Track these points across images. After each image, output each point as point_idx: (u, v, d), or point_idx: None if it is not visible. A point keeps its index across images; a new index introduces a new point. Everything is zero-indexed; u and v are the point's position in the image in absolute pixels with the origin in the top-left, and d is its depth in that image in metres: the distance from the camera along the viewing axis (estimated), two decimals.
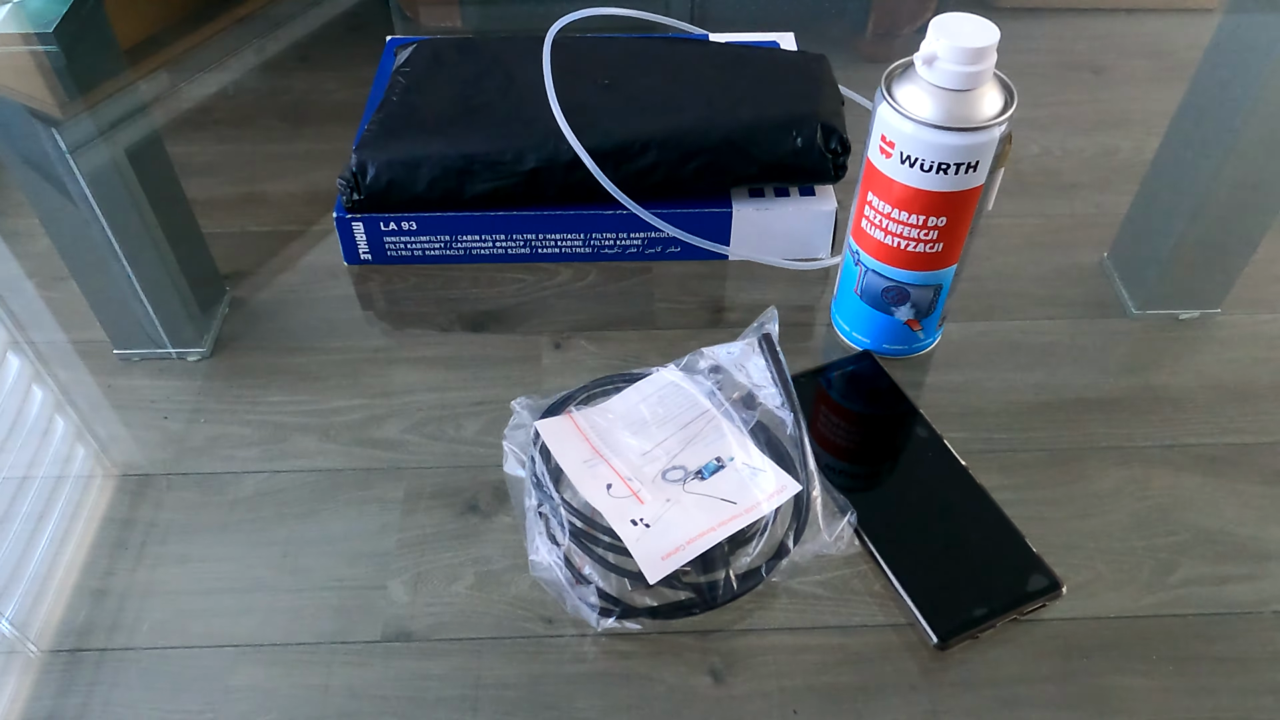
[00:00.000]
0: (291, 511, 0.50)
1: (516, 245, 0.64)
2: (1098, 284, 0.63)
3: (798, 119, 0.61)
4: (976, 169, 0.48)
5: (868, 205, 0.52)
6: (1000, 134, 0.47)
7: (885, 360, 0.57)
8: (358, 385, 0.57)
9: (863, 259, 0.54)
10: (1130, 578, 0.47)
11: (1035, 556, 0.47)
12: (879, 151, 0.50)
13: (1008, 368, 0.57)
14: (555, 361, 0.58)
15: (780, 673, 0.44)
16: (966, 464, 0.51)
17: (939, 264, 0.52)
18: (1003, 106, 0.48)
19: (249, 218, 0.68)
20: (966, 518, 0.49)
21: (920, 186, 0.49)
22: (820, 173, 0.62)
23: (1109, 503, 0.50)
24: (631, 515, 0.47)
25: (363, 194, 0.61)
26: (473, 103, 0.65)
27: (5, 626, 0.46)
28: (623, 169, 0.61)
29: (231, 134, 0.76)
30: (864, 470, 0.52)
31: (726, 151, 0.61)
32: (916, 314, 0.55)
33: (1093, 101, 0.79)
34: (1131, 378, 0.57)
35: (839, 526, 0.47)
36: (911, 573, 0.47)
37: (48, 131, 0.76)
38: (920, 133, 0.47)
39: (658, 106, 0.63)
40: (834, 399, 0.56)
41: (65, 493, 0.52)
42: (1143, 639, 0.45)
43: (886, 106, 0.48)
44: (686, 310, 0.61)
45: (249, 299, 0.62)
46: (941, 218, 0.50)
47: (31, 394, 0.57)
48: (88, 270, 0.65)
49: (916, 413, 0.54)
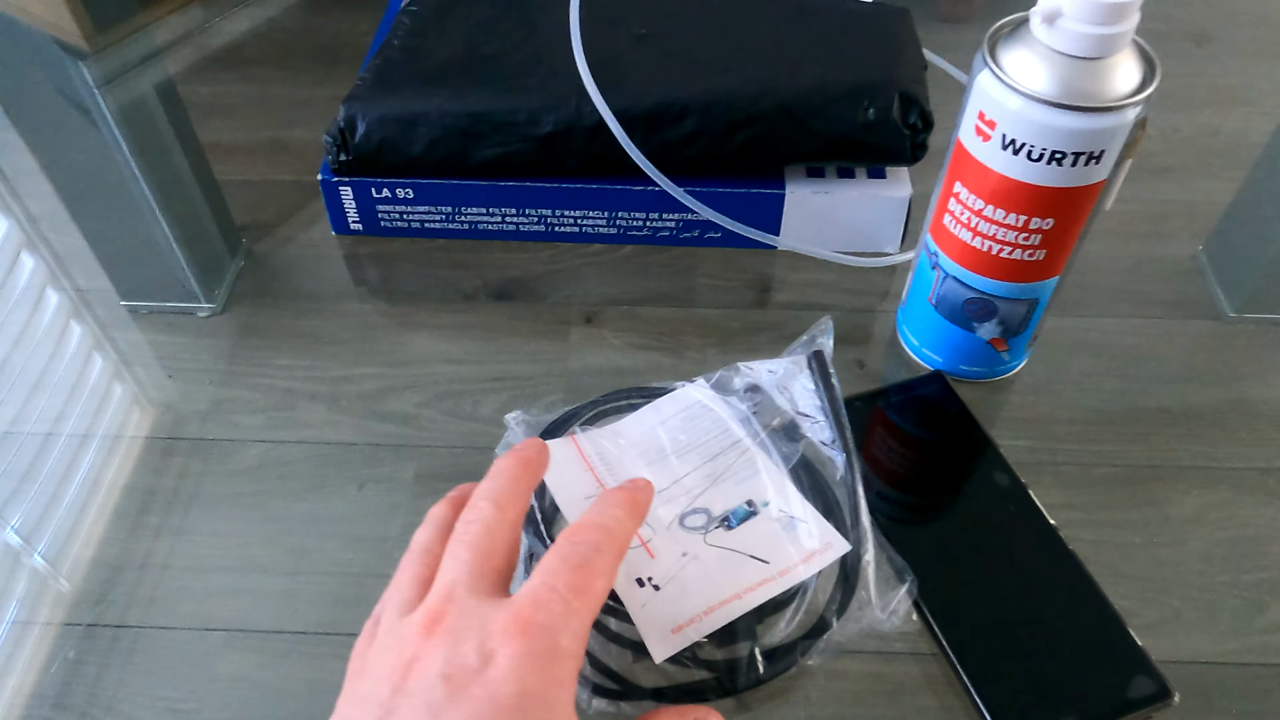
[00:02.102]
0: (294, 486, 0.48)
1: (529, 222, 0.58)
2: (1189, 281, 0.57)
3: (871, 86, 0.53)
4: (1100, 160, 0.39)
5: (953, 198, 0.44)
6: (1136, 117, 0.39)
7: (957, 383, 0.50)
8: (372, 353, 0.53)
9: (942, 262, 0.46)
10: (1211, 618, 0.42)
11: (1141, 652, 0.40)
12: (974, 132, 0.41)
13: (1080, 370, 0.52)
14: (584, 337, 0.54)
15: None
16: (1056, 523, 0.44)
17: (1038, 275, 0.44)
18: (1140, 81, 0.39)
19: (270, 166, 0.65)
20: (1055, 594, 0.41)
21: (1025, 179, 0.40)
22: (895, 152, 0.54)
23: (1189, 530, 0.45)
24: (639, 573, 0.40)
25: (351, 154, 0.55)
26: (484, 51, 0.58)
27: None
28: (656, 138, 0.53)
29: (259, 74, 0.73)
30: (926, 525, 0.44)
31: (782, 122, 0.53)
32: (1004, 332, 0.47)
33: (1193, 75, 0.71)
34: (1222, 389, 0.51)
35: (895, 598, 0.40)
36: (983, 666, 0.39)
37: (75, 65, 0.72)
38: (1031, 111, 0.39)
39: (702, 64, 0.56)
40: (896, 430, 0.48)
41: (55, 451, 0.49)
42: (1224, 689, 0.40)
43: (989, 75, 0.40)
44: (731, 289, 0.56)
45: (265, 254, 0.59)
46: (1048, 219, 0.42)
47: (27, 343, 0.54)
48: (99, 214, 0.62)
49: (998, 455, 0.46)
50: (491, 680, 0.29)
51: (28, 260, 0.59)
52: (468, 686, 0.29)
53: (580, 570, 0.32)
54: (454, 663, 0.29)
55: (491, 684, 0.29)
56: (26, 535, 0.46)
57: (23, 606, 0.43)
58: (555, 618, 0.31)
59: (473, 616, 0.31)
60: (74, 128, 0.69)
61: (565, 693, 0.30)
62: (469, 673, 0.29)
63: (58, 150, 0.67)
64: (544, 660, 0.30)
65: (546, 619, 0.31)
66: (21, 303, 0.56)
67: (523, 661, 0.29)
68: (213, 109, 0.69)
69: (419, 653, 0.30)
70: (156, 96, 0.71)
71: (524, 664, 0.29)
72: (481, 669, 0.29)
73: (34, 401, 0.51)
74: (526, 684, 0.29)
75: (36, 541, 0.45)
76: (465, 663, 0.29)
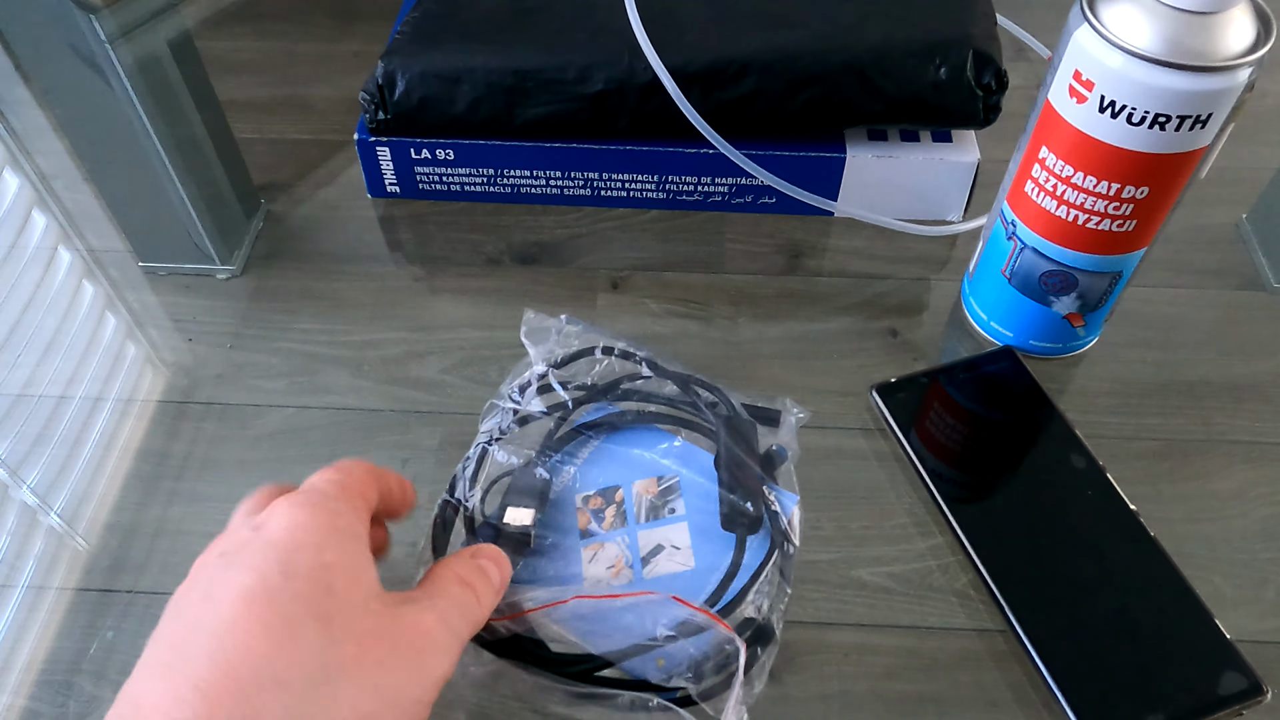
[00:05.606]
0: (316, 453, 0.46)
1: (575, 185, 0.55)
2: (1232, 250, 0.55)
3: (943, 43, 0.50)
4: (1207, 124, 0.36)
5: (1038, 164, 0.41)
6: (1249, 78, 0.36)
7: (1028, 358, 0.47)
8: (396, 317, 0.52)
9: (1020, 233, 0.43)
10: (1254, 595, 0.41)
11: (1230, 646, 0.37)
12: (1068, 93, 0.38)
13: (1120, 341, 0.50)
14: (611, 303, 0.52)
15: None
16: (1137, 509, 0.42)
17: (1126, 246, 0.42)
18: (1255, 39, 0.36)
19: (289, 124, 0.63)
20: (1138, 585, 0.39)
21: (1123, 144, 0.38)
22: (967, 114, 0.51)
23: (1232, 506, 0.44)
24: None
25: (389, 112, 0.53)
26: (531, 4, 0.55)
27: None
28: (713, 97, 0.50)
29: (276, 29, 0.70)
30: (998, 507, 0.42)
31: (848, 81, 0.50)
32: (1081, 307, 0.45)
33: None
34: (1267, 361, 0.49)
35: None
36: (1059, 655, 0.37)
37: (86, 19, 0.71)
38: (1135, 70, 0.36)
39: (763, 19, 0.52)
40: (962, 409, 0.45)
41: (70, 413, 0.48)
42: (1265, 668, 0.39)
43: (1088, 31, 0.37)
44: (762, 254, 0.54)
45: (284, 214, 0.57)
46: (1143, 187, 0.39)
47: (41, 304, 0.53)
48: (114, 174, 0.60)
49: (1073, 434, 0.44)
50: (263, 536, 0.29)
51: (39, 219, 0.58)
52: (242, 550, 0.29)
53: (334, 469, 0.33)
54: (229, 542, 0.30)
55: (263, 536, 0.29)
56: (43, 494, 0.45)
57: (39, 566, 0.42)
58: (319, 487, 0.32)
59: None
60: (86, 84, 0.67)
61: (344, 524, 0.30)
62: (243, 542, 0.29)
63: (70, 107, 0.65)
64: (314, 506, 0.30)
65: (311, 488, 0.32)
66: (34, 262, 0.55)
67: (294, 510, 0.30)
68: (228, 65, 0.67)
69: (201, 557, 0.30)
70: (170, 52, 0.69)
71: (296, 511, 0.30)
72: (255, 535, 0.29)
73: (49, 363, 0.50)
74: (297, 520, 0.29)
75: (50, 507, 0.45)
76: (239, 538, 0.30)
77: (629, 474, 0.43)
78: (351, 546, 0.30)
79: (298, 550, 0.29)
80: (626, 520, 0.42)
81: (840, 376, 0.48)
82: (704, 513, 0.42)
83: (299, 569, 0.28)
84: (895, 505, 0.44)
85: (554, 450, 0.44)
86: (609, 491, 0.43)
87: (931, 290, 0.53)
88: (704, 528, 0.41)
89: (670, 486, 0.43)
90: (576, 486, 0.43)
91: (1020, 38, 0.65)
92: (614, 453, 0.44)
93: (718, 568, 0.40)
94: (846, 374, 0.48)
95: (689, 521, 0.42)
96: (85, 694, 0.39)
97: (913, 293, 0.53)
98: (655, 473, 0.43)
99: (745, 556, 0.40)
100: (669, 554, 0.41)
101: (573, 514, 0.42)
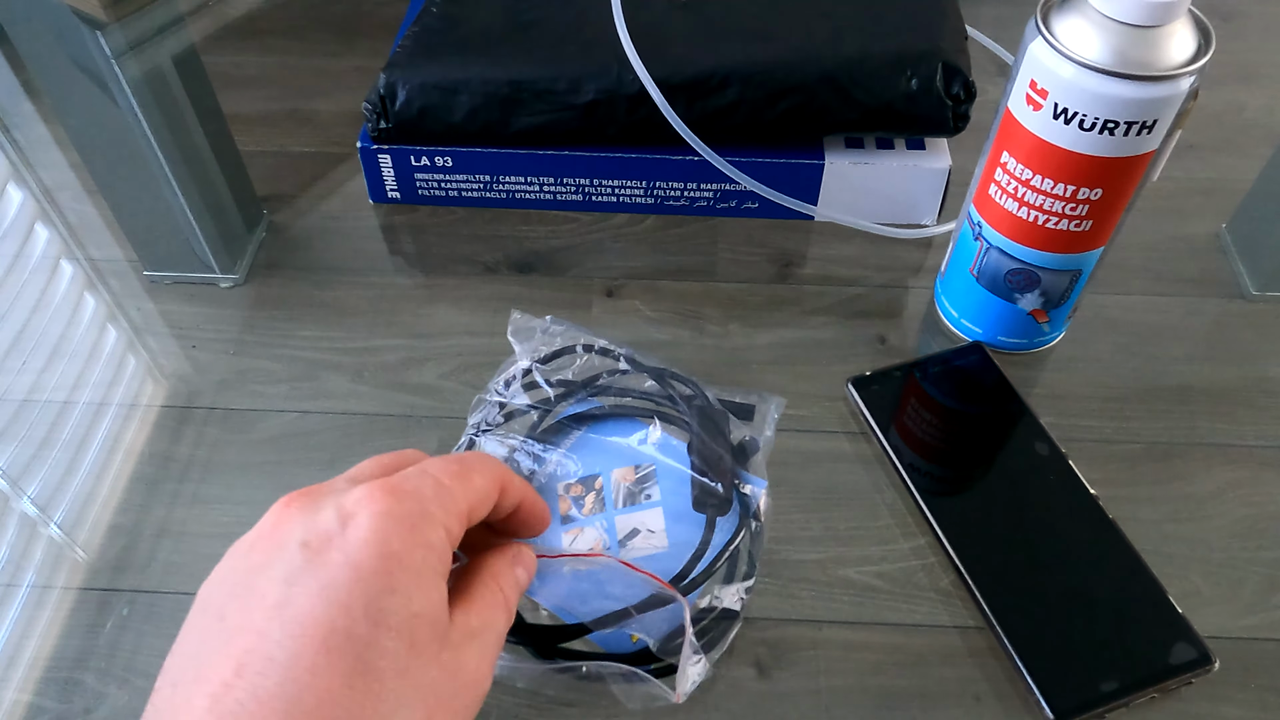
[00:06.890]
0: (317, 457, 0.47)
1: (567, 191, 0.57)
2: (1212, 259, 0.56)
3: (914, 55, 0.52)
4: (1153, 130, 0.39)
5: (1000, 168, 0.44)
6: (1190, 86, 0.38)
7: (996, 354, 0.50)
8: (395, 324, 0.53)
9: (985, 233, 0.46)
10: (1231, 594, 0.42)
11: (1181, 620, 0.40)
12: (1024, 101, 0.41)
13: (1104, 347, 0.51)
14: (606, 310, 0.54)
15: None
16: (1096, 494, 0.44)
17: (1083, 245, 0.44)
18: (1195, 50, 0.39)
19: (290, 137, 0.64)
20: (1095, 563, 0.42)
21: (1076, 149, 0.40)
22: (937, 122, 0.53)
23: (1210, 506, 0.45)
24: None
25: (391, 122, 0.55)
26: (525, 18, 0.57)
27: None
28: (697, 107, 0.53)
29: (278, 45, 0.72)
30: (967, 495, 0.44)
31: (824, 91, 0.53)
32: (1045, 304, 0.47)
33: (1218, 51, 0.69)
34: (1246, 367, 0.51)
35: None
36: (1025, 631, 0.39)
37: (92, 35, 0.72)
38: (1085, 79, 0.38)
39: (744, 33, 0.55)
40: (933, 400, 0.47)
41: (74, 418, 0.49)
42: (1242, 664, 0.40)
43: (1042, 44, 0.39)
44: (752, 263, 0.56)
45: (286, 225, 0.59)
46: (1097, 189, 0.41)
47: (48, 312, 0.54)
48: (119, 186, 0.62)
49: (1037, 425, 0.46)
50: (350, 541, 0.27)
51: (42, 231, 0.59)
52: (325, 550, 0.27)
53: (459, 463, 0.30)
54: (312, 528, 0.27)
55: (350, 545, 0.27)
56: (43, 504, 0.46)
57: (40, 574, 0.43)
58: (424, 488, 0.29)
59: (335, 490, 0.29)
60: (92, 98, 0.68)
61: (435, 558, 0.28)
62: (327, 536, 0.27)
63: (77, 121, 0.67)
64: (409, 522, 0.28)
65: (415, 487, 0.29)
66: (37, 273, 0.56)
67: (384, 521, 0.27)
68: (232, 80, 0.69)
69: (278, 520, 0.28)
70: (174, 67, 0.71)
71: (386, 523, 0.27)
72: (340, 531, 0.27)
73: (53, 370, 0.51)
74: (389, 545, 0.27)
75: (54, 510, 0.45)
76: (323, 527, 0.27)
77: (608, 463, 0.45)
78: (435, 591, 0.28)
79: (387, 595, 0.26)
80: (605, 506, 0.44)
81: (827, 381, 0.50)
82: (678, 496, 0.44)
83: (388, 619, 0.26)
84: (880, 505, 0.45)
85: (537, 441, 0.46)
86: (589, 479, 0.45)
87: (910, 294, 0.55)
88: (678, 512, 0.43)
89: (647, 474, 0.45)
90: (558, 475, 0.45)
91: (994, 51, 0.66)
92: (594, 443, 0.46)
93: (689, 547, 0.42)
94: (833, 378, 0.50)
95: (664, 506, 0.44)
96: (90, 690, 0.40)
97: (894, 297, 0.55)
98: (633, 461, 0.45)
99: (715, 535, 0.42)
100: (644, 536, 0.43)
101: (555, 500, 0.44)
